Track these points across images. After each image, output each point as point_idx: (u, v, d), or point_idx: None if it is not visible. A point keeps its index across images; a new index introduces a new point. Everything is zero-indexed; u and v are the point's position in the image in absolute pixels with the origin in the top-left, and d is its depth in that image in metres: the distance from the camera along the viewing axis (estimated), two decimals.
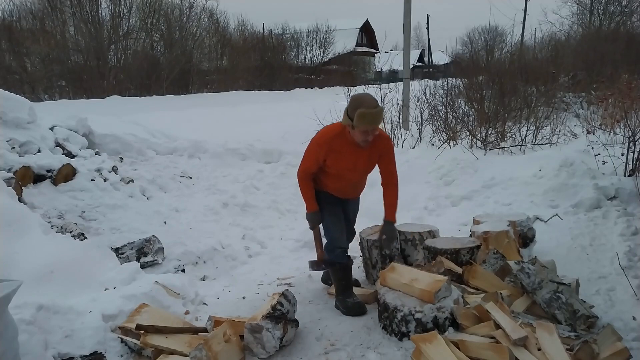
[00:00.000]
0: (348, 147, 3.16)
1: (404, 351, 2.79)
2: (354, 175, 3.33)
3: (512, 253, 3.62)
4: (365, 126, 2.99)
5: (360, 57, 35.90)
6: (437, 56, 40.16)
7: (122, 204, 5.14)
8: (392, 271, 3.20)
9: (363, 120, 2.96)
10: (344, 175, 3.29)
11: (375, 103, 3.03)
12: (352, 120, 2.99)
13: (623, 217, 4.28)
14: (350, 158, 3.19)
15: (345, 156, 3.18)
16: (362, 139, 3.08)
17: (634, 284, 3.37)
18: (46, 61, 17.74)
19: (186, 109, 12.60)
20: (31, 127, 5.41)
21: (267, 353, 2.80)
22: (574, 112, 10.44)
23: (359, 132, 3.04)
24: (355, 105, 3.00)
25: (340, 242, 3.42)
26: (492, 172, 5.76)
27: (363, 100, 3.03)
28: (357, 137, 3.08)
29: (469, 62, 15.11)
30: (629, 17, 23.35)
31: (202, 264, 4.53)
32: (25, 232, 3.57)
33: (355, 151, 3.18)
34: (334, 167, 3.23)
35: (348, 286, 3.43)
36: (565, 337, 2.67)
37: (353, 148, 3.16)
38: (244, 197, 6.15)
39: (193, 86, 21.93)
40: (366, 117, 2.95)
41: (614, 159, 5.17)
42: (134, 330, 2.84)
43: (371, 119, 2.97)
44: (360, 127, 3.00)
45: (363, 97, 3.09)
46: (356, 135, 3.07)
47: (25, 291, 2.55)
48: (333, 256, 3.42)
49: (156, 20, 21.01)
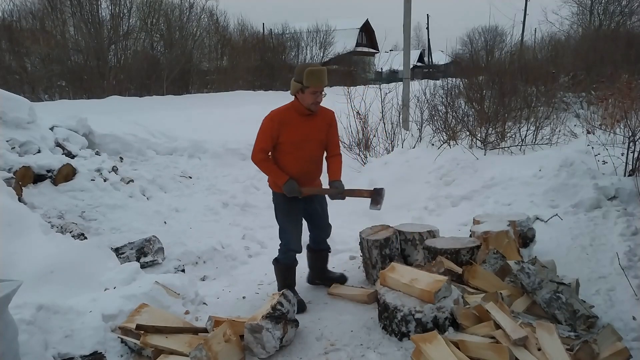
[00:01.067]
0: (298, 118, 3.34)
1: (404, 351, 2.79)
2: (309, 146, 3.40)
3: (512, 253, 3.62)
4: (315, 85, 3.21)
5: (360, 57, 35.87)
6: (437, 56, 40.11)
7: (122, 204, 5.14)
8: (392, 271, 3.20)
9: (312, 77, 3.20)
10: (300, 148, 3.37)
11: (320, 64, 3.35)
12: (302, 83, 3.22)
13: (623, 217, 4.28)
14: (301, 129, 3.34)
15: (297, 128, 3.33)
16: (312, 101, 3.28)
17: (634, 284, 3.37)
18: (46, 61, 17.72)
19: (186, 109, 12.58)
20: (31, 127, 5.42)
21: (267, 353, 2.80)
22: (574, 112, 10.44)
23: (309, 94, 3.25)
24: (302, 68, 3.26)
25: (293, 245, 3.56)
26: (492, 172, 5.75)
27: (308, 63, 3.36)
28: (307, 100, 3.28)
29: (469, 62, 15.12)
30: (629, 17, 23.33)
31: (202, 264, 4.54)
32: (25, 232, 3.57)
33: (306, 120, 3.36)
34: (288, 141, 3.34)
35: (291, 285, 3.61)
36: (565, 337, 2.67)
37: (303, 118, 3.35)
38: (244, 197, 6.15)
39: (193, 86, 21.91)
40: (314, 73, 3.20)
41: (614, 159, 5.17)
42: (134, 330, 2.84)
43: (319, 75, 3.22)
44: (310, 86, 3.21)
45: (307, 63, 3.41)
46: (306, 98, 3.27)
47: (25, 291, 2.55)
48: (283, 257, 3.58)
49: (156, 20, 20.98)
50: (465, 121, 7.92)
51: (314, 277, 3.90)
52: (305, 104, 3.30)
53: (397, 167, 6.55)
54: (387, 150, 8.00)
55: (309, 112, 3.34)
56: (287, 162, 3.40)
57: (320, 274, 3.88)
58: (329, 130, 3.50)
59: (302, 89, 3.25)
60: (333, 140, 3.56)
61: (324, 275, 3.87)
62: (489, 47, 27.93)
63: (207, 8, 23.57)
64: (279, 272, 3.65)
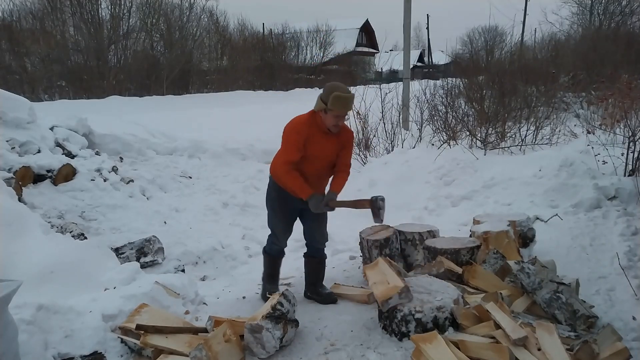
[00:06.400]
0: (319, 134, 3.31)
1: (404, 351, 2.79)
2: (320, 162, 3.38)
3: (512, 253, 3.62)
4: (338, 110, 3.18)
5: (360, 57, 35.87)
6: (437, 56, 40.09)
7: (122, 204, 5.14)
8: (371, 268, 3.26)
9: (337, 103, 3.15)
10: (311, 162, 3.34)
11: (349, 89, 3.25)
12: (326, 105, 3.17)
13: (623, 217, 4.28)
14: (320, 145, 3.31)
15: (316, 144, 3.30)
16: (333, 124, 3.24)
17: (634, 284, 3.37)
18: (46, 61, 17.73)
19: (186, 109, 12.59)
20: (31, 127, 5.42)
21: (267, 353, 2.80)
22: (574, 112, 10.43)
23: (331, 116, 3.20)
24: (330, 89, 3.19)
25: (281, 242, 3.64)
26: (492, 172, 5.76)
27: (338, 86, 3.24)
28: (328, 121, 3.24)
29: (469, 62, 15.11)
30: (629, 17, 23.33)
31: (202, 264, 4.53)
32: (25, 232, 3.57)
33: (324, 138, 3.32)
34: (305, 156, 3.31)
35: (273, 275, 3.72)
36: (565, 337, 2.67)
37: (322, 134, 3.31)
38: (244, 197, 6.15)
39: (193, 86, 21.93)
40: (341, 99, 3.15)
41: (614, 159, 5.17)
42: (134, 330, 2.83)
43: (345, 102, 3.17)
44: (334, 110, 3.17)
45: (337, 84, 3.30)
46: (328, 119, 3.23)
47: (25, 291, 2.54)
48: (269, 248, 3.69)
49: (156, 20, 20.99)
50: (465, 121, 7.93)
51: (306, 288, 3.73)
52: (326, 124, 3.26)
53: (397, 167, 6.55)
54: (387, 150, 8.00)
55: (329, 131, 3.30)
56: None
57: (311, 286, 3.69)
58: (342, 150, 3.44)
59: (325, 110, 3.20)
60: (343, 160, 3.48)
61: (315, 289, 3.66)
62: (489, 47, 27.93)
63: (207, 8, 23.61)
64: (265, 261, 3.75)
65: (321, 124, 3.27)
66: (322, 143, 3.31)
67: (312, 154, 3.29)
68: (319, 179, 3.45)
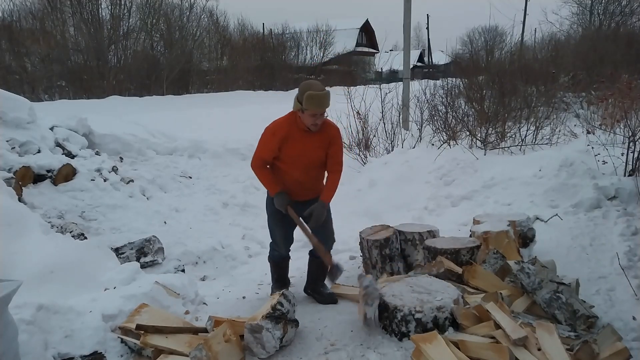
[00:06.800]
0: (299, 133, 3.31)
1: (404, 351, 2.79)
2: (305, 160, 3.37)
3: (512, 253, 3.62)
4: (313, 109, 3.15)
5: (360, 57, 35.86)
6: (437, 56, 40.08)
7: (122, 204, 5.14)
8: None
9: (311, 102, 3.13)
10: (296, 162, 3.35)
11: (322, 87, 3.22)
12: (302, 104, 3.17)
13: (623, 217, 4.28)
14: (301, 144, 3.32)
15: (296, 143, 3.31)
16: (311, 122, 3.23)
17: (634, 284, 3.37)
18: (46, 61, 17.72)
19: (186, 109, 12.59)
20: (31, 127, 5.42)
21: (267, 353, 2.80)
22: (574, 112, 10.43)
23: (308, 116, 3.20)
24: (303, 89, 3.18)
25: (281, 249, 3.64)
26: (492, 172, 5.76)
27: (311, 84, 3.23)
28: (306, 120, 3.23)
29: (469, 62, 15.10)
30: (629, 17, 23.34)
31: (202, 264, 4.53)
32: (25, 232, 3.57)
33: (305, 137, 3.32)
34: (286, 155, 3.34)
35: (281, 279, 3.76)
36: (565, 337, 2.67)
37: (303, 133, 3.31)
38: (244, 197, 6.15)
39: (193, 86, 21.92)
40: (314, 98, 3.13)
41: (614, 159, 5.17)
42: (134, 330, 2.83)
43: (318, 101, 3.15)
44: (309, 109, 3.16)
45: (311, 82, 3.30)
46: (306, 118, 3.22)
47: (25, 291, 2.55)
48: (271, 254, 3.72)
49: (156, 20, 20.99)
50: (465, 121, 7.92)
51: (306, 285, 3.76)
52: (305, 124, 3.26)
53: (397, 167, 6.55)
54: (387, 150, 8.00)
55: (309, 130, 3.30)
56: (282, 171, 3.41)
57: (311, 284, 3.72)
58: (330, 147, 3.40)
59: (302, 110, 3.19)
60: (334, 158, 3.44)
61: (316, 288, 3.69)
62: (489, 47, 27.89)
63: (207, 8, 23.60)
64: (270, 267, 3.79)
65: (300, 123, 3.28)
66: (303, 142, 3.31)
67: (294, 153, 3.32)
68: (308, 176, 3.43)
